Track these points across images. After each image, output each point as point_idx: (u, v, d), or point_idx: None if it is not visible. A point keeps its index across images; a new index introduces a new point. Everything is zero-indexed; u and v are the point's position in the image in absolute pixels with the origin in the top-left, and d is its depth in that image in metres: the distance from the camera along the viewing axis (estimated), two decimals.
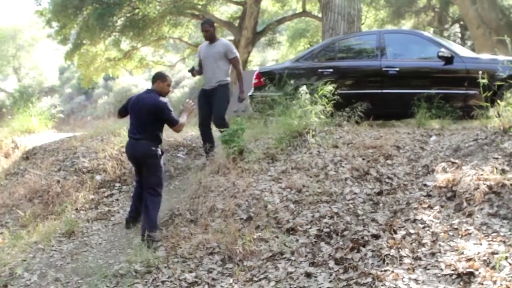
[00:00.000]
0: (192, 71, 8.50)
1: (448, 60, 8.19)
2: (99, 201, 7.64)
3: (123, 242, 6.46)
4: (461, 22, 22.80)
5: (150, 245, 5.90)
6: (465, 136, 6.81)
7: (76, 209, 7.46)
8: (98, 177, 8.15)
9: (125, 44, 23.05)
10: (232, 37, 21.94)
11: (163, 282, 5.18)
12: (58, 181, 8.13)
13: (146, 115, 6.39)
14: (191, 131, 9.78)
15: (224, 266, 5.37)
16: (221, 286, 5.04)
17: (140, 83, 38.19)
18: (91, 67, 23.00)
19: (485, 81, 6.58)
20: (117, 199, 7.69)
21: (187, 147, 8.92)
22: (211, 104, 7.99)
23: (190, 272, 5.31)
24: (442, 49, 8.28)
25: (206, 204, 6.36)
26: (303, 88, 7.66)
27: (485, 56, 8.95)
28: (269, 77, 9.36)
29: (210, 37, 8.21)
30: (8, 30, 42.47)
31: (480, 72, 6.85)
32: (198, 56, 8.49)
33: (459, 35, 22.84)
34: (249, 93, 9.54)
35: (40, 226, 6.96)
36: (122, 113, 6.85)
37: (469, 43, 21.94)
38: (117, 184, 8.04)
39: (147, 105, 6.39)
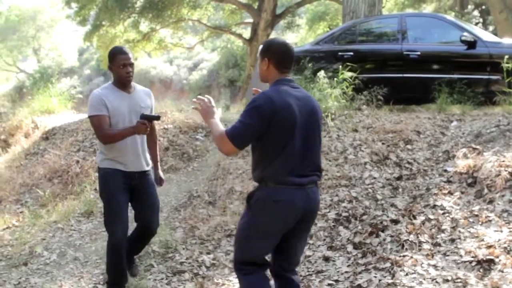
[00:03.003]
0: None
1: (471, 44, 8.07)
2: None
3: None
4: (483, 7, 22.45)
5: None
6: (487, 122, 6.72)
7: (95, 189, 7.47)
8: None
9: (144, 26, 22.98)
10: (251, 20, 21.82)
11: (181, 263, 5.20)
12: (78, 161, 8.17)
13: (318, 129, 3.57)
14: None
15: None
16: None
17: (158, 65, 38.24)
18: (110, 48, 22.98)
19: (509, 65, 6.47)
20: None
21: (205, 129, 8.92)
22: None
23: (208, 253, 5.33)
24: (465, 33, 8.15)
25: (224, 186, 6.37)
26: (321, 73, 7.59)
27: (509, 41, 8.80)
28: None
29: None
30: (28, 11, 42.68)
31: (506, 58, 6.74)
32: None
33: (481, 19, 22.47)
34: None
35: (59, 205, 7.01)
36: (247, 140, 3.35)
37: (491, 28, 21.61)
38: None
39: (319, 113, 3.58)
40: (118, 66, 4.36)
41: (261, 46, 3.53)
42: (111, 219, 4.46)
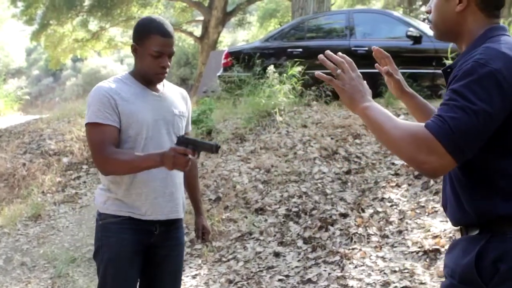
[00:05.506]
0: None
1: (417, 39, 8.21)
2: (66, 183, 7.52)
3: (90, 225, 6.37)
4: None
5: None
6: None
7: (43, 192, 7.34)
8: (65, 160, 8.02)
9: (93, 25, 22.64)
10: (201, 18, 21.74)
11: None
12: (24, 164, 7.98)
13: None
14: None
15: (193, 247, 5.34)
16: (190, 267, 5.02)
17: (109, 65, 37.73)
18: (59, 48, 22.57)
19: (449, 61, 6.61)
20: (84, 182, 7.57)
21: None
22: None
23: None
24: (411, 29, 8.29)
25: None
26: (271, 68, 7.62)
27: None
28: (238, 57, 9.28)
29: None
30: None
31: (449, 52, 6.88)
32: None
33: (428, 15, 22.92)
34: (218, 73, 9.47)
35: (5, 210, 6.84)
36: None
37: None
38: (84, 166, 7.92)
39: None
40: (151, 53, 2.64)
41: None
42: None
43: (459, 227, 1.82)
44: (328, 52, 1.82)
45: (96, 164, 2.70)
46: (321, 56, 1.84)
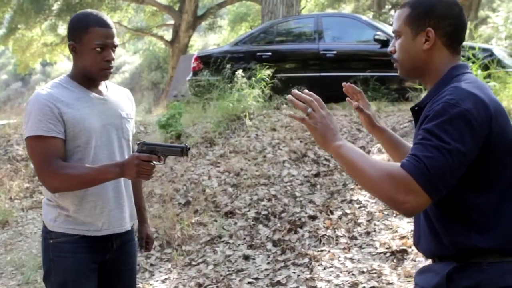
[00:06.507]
0: None
1: (384, 43, 8.30)
2: (34, 189, 7.43)
3: None
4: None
5: None
6: (400, 118, 6.94)
7: (10, 198, 7.24)
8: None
9: (63, 29, 22.40)
10: (172, 21, 21.68)
11: None
12: None
13: None
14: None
15: (163, 251, 5.32)
16: (160, 271, 5.00)
17: None
18: (27, 52, 22.35)
19: None
20: None
21: None
22: None
23: None
24: (379, 33, 8.39)
25: (143, 190, 6.27)
26: (240, 72, 7.64)
27: None
28: (207, 61, 9.28)
29: None
30: None
31: None
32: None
33: None
34: (188, 78, 9.46)
35: None
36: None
37: None
38: None
39: None
40: (93, 47, 2.40)
41: (403, 9, 1.90)
42: None
43: (432, 258, 1.85)
44: (295, 91, 1.84)
45: (42, 181, 2.42)
46: (289, 96, 1.85)
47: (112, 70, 2.49)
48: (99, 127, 2.47)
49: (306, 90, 1.86)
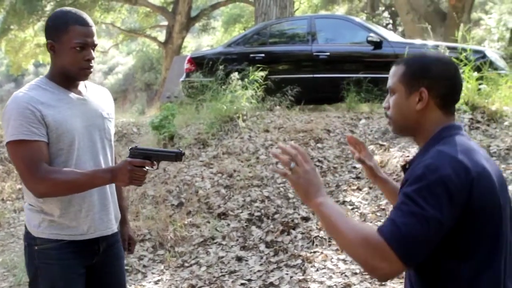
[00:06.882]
0: None
1: (377, 44, 8.32)
2: None
3: None
4: (393, 8, 23.24)
5: None
6: None
7: (2, 199, 7.23)
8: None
9: None
10: (166, 23, 21.66)
11: None
12: None
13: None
14: (122, 118, 9.62)
15: (155, 252, 5.31)
16: (152, 273, 4.99)
17: None
18: (20, 53, 22.30)
19: None
20: None
21: (117, 134, 8.77)
22: None
23: None
24: (371, 34, 8.40)
25: (136, 191, 6.27)
26: (235, 75, 7.65)
27: (415, 41, 9.13)
28: (201, 62, 9.27)
29: None
30: None
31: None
32: None
33: (391, 21, 23.28)
34: (181, 79, 9.45)
35: None
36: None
37: (400, 28, 22.41)
38: None
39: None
40: (72, 46, 2.34)
41: (398, 66, 1.87)
42: None
43: None
44: (280, 145, 1.82)
45: (29, 187, 2.30)
46: (273, 151, 1.86)
47: (92, 69, 2.43)
48: (82, 128, 2.42)
49: (291, 143, 1.85)
